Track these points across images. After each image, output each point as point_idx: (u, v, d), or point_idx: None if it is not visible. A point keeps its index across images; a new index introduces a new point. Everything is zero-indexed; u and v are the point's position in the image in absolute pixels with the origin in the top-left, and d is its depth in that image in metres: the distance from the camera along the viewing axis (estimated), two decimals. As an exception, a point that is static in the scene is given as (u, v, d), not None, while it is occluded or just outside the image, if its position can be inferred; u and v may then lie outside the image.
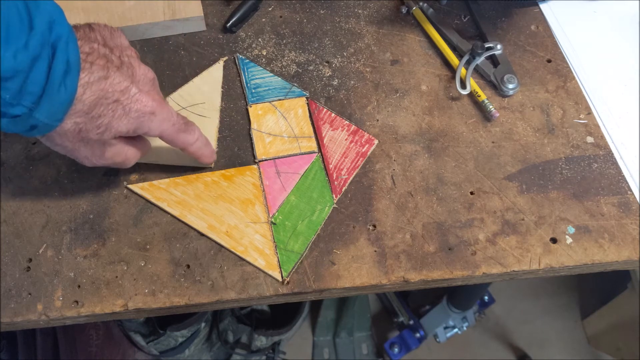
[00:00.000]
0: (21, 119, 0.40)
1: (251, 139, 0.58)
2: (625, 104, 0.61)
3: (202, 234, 0.53)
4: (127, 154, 0.49)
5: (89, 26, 0.46)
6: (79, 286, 0.51)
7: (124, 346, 1.03)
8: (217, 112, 0.59)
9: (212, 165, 0.56)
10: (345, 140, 0.58)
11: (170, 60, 0.63)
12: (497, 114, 0.59)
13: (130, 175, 0.56)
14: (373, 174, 0.57)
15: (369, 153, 0.58)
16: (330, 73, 0.62)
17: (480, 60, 0.62)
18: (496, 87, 0.62)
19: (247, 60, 0.63)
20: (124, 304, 0.50)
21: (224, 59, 0.63)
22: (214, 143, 0.57)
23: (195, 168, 0.56)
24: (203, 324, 1.15)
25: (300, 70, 0.62)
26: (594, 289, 1.37)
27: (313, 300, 0.61)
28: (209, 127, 0.58)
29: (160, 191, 0.55)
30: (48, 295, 0.50)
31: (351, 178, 0.56)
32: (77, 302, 0.50)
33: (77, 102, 0.42)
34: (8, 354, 0.82)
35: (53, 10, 0.41)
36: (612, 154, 0.58)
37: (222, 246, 0.53)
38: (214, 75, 0.61)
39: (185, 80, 0.61)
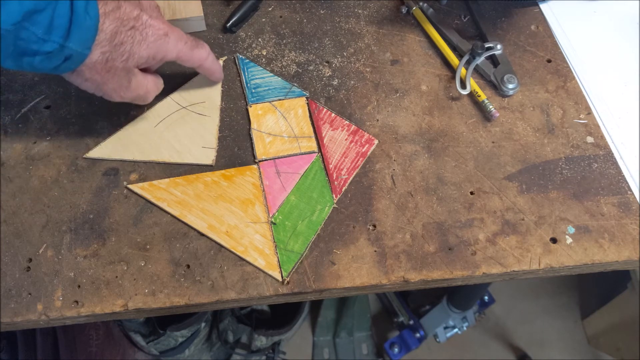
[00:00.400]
0: (54, 54, 0.44)
1: (251, 139, 0.58)
2: (625, 104, 0.61)
3: (202, 234, 0.53)
4: (148, 86, 0.53)
5: None
6: (79, 286, 0.51)
7: (124, 346, 1.03)
8: (218, 111, 0.59)
9: (213, 164, 0.56)
10: (345, 140, 0.58)
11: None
12: (497, 114, 0.59)
13: (130, 175, 0.56)
14: (373, 174, 0.57)
15: (369, 153, 0.58)
16: (330, 73, 0.62)
17: (480, 60, 0.62)
18: (496, 87, 0.62)
19: (247, 60, 0.63)
20: (124, 304, 0.50)
21: (224, 59, 0.63)
22: (214, 142, 0.57)
23: (194, 168, 0.56)
24: (203, 324, 1.15)
25: (300, 70, 0.62)
26: (594, 289, 1.37)
27: (313, 300, 0.61)
28: (209, 126, 0.58)
29: (160, 191, 0.55)
30: (48, 295, 0.50)
31: (351, 178, 0.56)
32: (77, 302, 0.50)
33: (100, 32, 0.45)
34: (8, 354, 0.82)
35: None
36: (612, 154, 0.58)
37: (222, 246, 0.53)
38: None
39: (186, 79, 0.61)
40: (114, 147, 0.56)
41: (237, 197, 0.55)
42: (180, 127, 0.58)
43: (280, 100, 0.60)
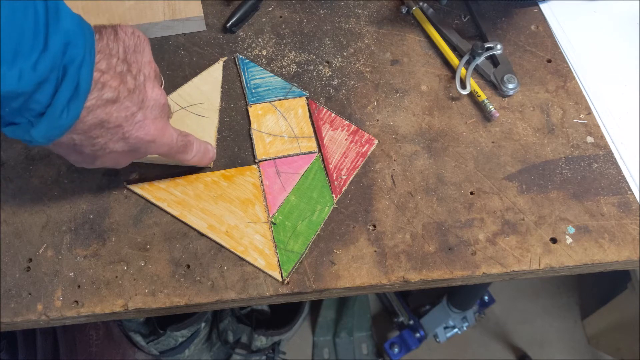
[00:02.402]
0: (20, 127, 0.38)
1: (251, 139, 0.58)
2: (625, 104, 0.61)
3: (202, 234, 0.53)
4: (118, 160, 0.47)
5: (115, 32, 0.43)
6: (79, 286, 0.51)
7: (124, 346, 1.03)
8: (217, 112, 0.59)
9: (211, 166, 0.56)
10: (345, 140, 0.58)
11: (170, 60, 0.62)
12: (497, 114, 0.59)
13: (130, 175, 0.56)
14: (373, 174, 0.57)
15: (369, 153, 0.58)
16: (330, 73, 0.62)
17: (480, 60, 0.62)
18: (496, 87, 0.62)
19: (247, 60, 0.63)
20: (124, 304, 0.50)
21: (224, 59, 0.63)
22: (213, 143, 0.57)
23: (194, 168, 0.56)
24: (203, 324, 1.15)
25: (300, 70, 0.62)
26: (594, 289, 1.37)
27: (313, 300, 0.61)
28: (208, 127, 0.58)
29: (160, 191, 0.55)
30: (48, 295, 0.50)
31: (351, 178, 0.56)
32: (77, 302, 0.50)
33: (77, 122, 0.39)
34: (8, 354, 0.82)
35: (72, 29, 0.37)
36: (612, 154, 0.58)
37: (222, 246, 0.53)
38: (213, 75, 0.61)
39: (185, 80, 0.61)
40: None
41: (237, 197, 0.55)
42: (180, 128, 0.58)
43: (280, 100, 0.60)
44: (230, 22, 0.64)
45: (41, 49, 0.35)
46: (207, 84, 0.61)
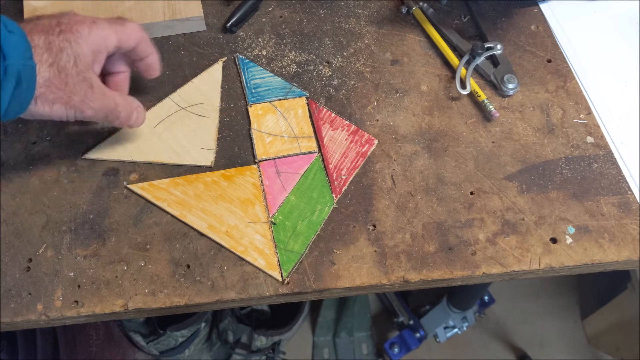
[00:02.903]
0: (1, 81, 0.42)
1: (251, 139, 0.58)
2: (625, 104, 0.61)
3: (202, 234, 0.53)
4: (116, 99, 0.51)
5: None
6: (79, 286, 0.51)
7: (124, 346, 1.03)
8: (217, 112, 0.59)
9: (212, 165, 0.56)
10: (346, 140, 0.58)
11: (170, 60, 0.62)
12: (497, 114, 0.59)
13: (130, 176, 0.56)
14: (373, 174, 0.57)
15: (369, 153, 0.58)
16: (330, 73, 0.62)
17: (480, 60, 0.62)
18: (496, 87, 0.62)
19: (247, 60, 0.63)
20: (124, 304, 0.50)
21: (223, 59, 0.63)
22: (213, 143, 0.57)
23: (194, 168, 0.56)
24: (203, 324, 1.15)
25: (300, 70, 0.62)
26: (594, 289, 1.37)
27: (313, 300, 0.61)
28: (208, 128, 0.58)
29: (160, 191, 0.55)
30: (48, 295, 0.50)
31: (351, 178, 0.56)
32: (77, 302, 0.50)
33: (34, 47, 0.44)
34: (8, 354, 0.82)
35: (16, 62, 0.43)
36: (612, 154, 0.58)
37: (222, 246, 0.53)
38: (213, 75, 0.61)
39: (185, 80, 0.61)
40: (113, 148, 0.56)
41: (237, 197, 0.55)
42: (179, 129, 0.58)
43: (280, 100, 0.60)
44: (230, 22, 0.64)
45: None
46: (207, 84, 0.61)
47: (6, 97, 0.43)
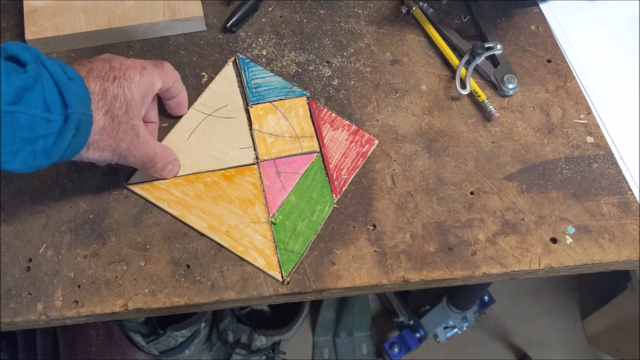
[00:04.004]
0: (62, 129, 0.42)
1: (253, 140, 0.58)
2: (625, 104, 0.61)
3: (202, 234, 0.53)
4: (157, 148, 0.51)
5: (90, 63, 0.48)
6: (79, 286, 0.51)
7: (124, 346, 1.03)
8: (243, 111, 0.59)
9: (255, 162, 0.56)
10: (346, 140, 0.58)
11: (170, 60, 0.62)
12: (497, 114, 0.59)
13: (130, 175, 0.56)
14: (373, 174, 0.57)
15: (369, 153, 0.58)
16: (330, 73, 0.62)
17: (480, 60, 0.62)
18: (496, 87, 0.62)
19: (248, 60, 0.63)
20: (124, 304, 0.50)
21: (232, 59, 0.63)
22: (249, 141, 0.57)
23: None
24: (203, 324, 1.15)
25: (300, 70, 0.62)
26: (594, 289, 1.37)
27: (313, 300, 0.61)
28: (240, 127, 0.58)
29: (160, 191, 0.55)
30: (48, 295, 0.50)
31: (351, 178, 0.56)
32: (77, 302, 0.50)
33: (91, 94, 0.44)
34: (8, 354, 0.82)
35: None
36: (612, 154, 0.58)
37: (222, 246, 0.53)
38: (227, 76, 0.61)
39: (186, 80, 0.61)
40: None
41: (237, 197, 0.55)
42: (213, 134, 0.58)
43: (281, 100, 0.60)
44: (230, 22, 0.64)
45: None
46: (224, 87, 0.61)
47: (64, 145, 0.42)
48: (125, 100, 0.47)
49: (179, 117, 0.58)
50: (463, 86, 0.60)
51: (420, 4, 0.66)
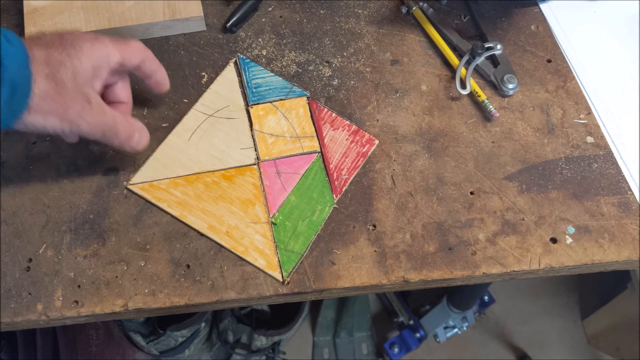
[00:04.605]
0: None
1: (254, 140, 0.58)
2: (625, 104, 0.61)
3: (202, 234, 0.53)
4: (116, 117, 0.49)
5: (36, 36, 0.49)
6: (79, 286, 0.51)
7: (124, 346, 1.03)
8: (244, 112, 0.59)
9: (255, 162, 0.56)
10: (346, 140, 0.58)
11: (170, 60, 0.62)
12: (497, 114, 0.59)
13: (130, 175, 0.56)
14: (373, 174, 0.57)
15: (369, 153, 0.58)
16: (330, 73, 0.62)
17: (480, 60, 0.62)
18: (496, 87, 0.62)
19: (248, 60, 0.63)
20: (124, 304, 0.50)
21: (232, 60, 0.63)
22: (250, 141, 0.57)
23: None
24: (203, 324, 1.15)
25: (300, 70, 0.62)
26: (594, 289, 1.37)
27: (313, 300, 0.61)
28: (241, 127, 0.58)
29: (160, 191, 0.55)
30: (48, 295, 0.50)
31: (351, 178, 0.56)
32: (77, 302, 0.50)
33: (32, 60, 0.44)
34: (8, 354, 0.82)
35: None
36: (612, 154, 0.58)
37: (222, 246, 0.53)
38: (228, 77, 0.61)
39: (185, 80, 0.61)
40: (155, 169, 0.56)
41: (237, 198, 0.55)
42: (214, 135, 0.58)
43: (281, 100, 0.60)
44: (230, 22, 0.64)
45: None
46: (225, 87, 0.61)
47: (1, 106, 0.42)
48: (72, 67, 0.46)
49: (180, 118, 0.58)
50: (463, 86, 0.60)
51: (420, 4, 0.66)
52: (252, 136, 0.58)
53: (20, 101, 0.43)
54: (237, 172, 0.56)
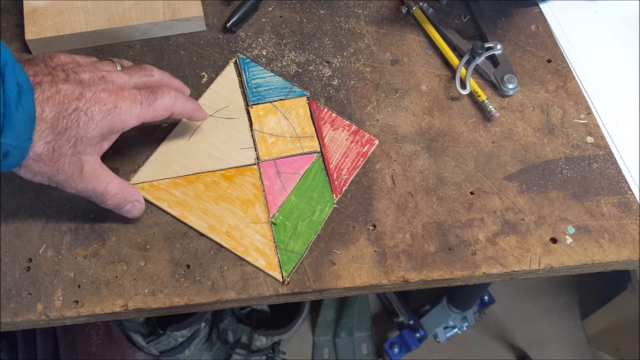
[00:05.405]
0: None
1: (254, 140, 0.58)
2: (625, 104, 0.61)
3: (202, 234, 0.53)
4: (110, 184, 0.49)
5: (26, 59, 0.48)
6: (79, 286, 0.51)
7: (124, 346, 1.03)
8: (244, 112, 0.59)
9: (255, 162, 0.56)
10: (346, 140, 0.58)
11: (170, 60, 0.63)
12: (497, 114, 0.59)
13: (130, 176, 0.56)
14: (373, 174, 0.57)
15: (369, 153, 0.58)
16: (330, 73, 0.62)
17: (480, 60, 0.62)
18: (496, 87, 0.62)
19: (248, 60, 0.63)
20: (124, 304, 0.50)
21: (232, 60, 0.63)
22: (250, 141, 0.57)
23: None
24: (203, 324, 1.15)
25: (300, 70, 0.62)
26: (594, 289, 1.37)
27: (313, 300, 0.61)
28: (241, 127, 0.58)
29: (160, 191, 0.55)
30: (48, 295, 0.50)
31: (351, 178, 0.56)
32: (77, 302, 0.50)
33: (39, 122, 0.43)
34: (8, 354, 0.82)
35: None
36: (612, 154, 0.58)
37: (222, 246, 0.53)
38: (228, 77, 0.61)
39: (185, 80, 0.61)
40: (155, 169, 0.56)
41: (238, 198, 0.55)
42: (214, 135, 0.58)
43: (281, 100, 0.60)
44: (230, 22, 0.64)
45: None
46: (225, 87, 0.61)
47: None
48: (76, 135, 0.45)
49: (177, 119, 0.58)
50: (463, 86, 0.60)
51: (420, 4, 0.66)
52: (252, 136, 0.58)
53: (10, 164, 0.43)
54: (237, 172, 0.56)
